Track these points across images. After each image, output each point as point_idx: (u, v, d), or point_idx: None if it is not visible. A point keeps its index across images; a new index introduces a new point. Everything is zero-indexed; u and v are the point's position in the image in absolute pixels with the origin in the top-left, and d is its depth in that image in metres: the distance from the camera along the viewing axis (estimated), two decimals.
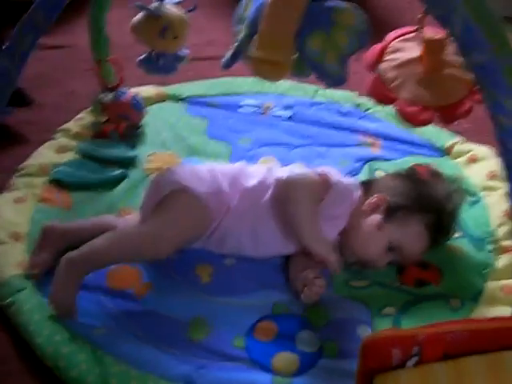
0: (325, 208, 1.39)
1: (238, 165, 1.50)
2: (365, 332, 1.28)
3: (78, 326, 1.25)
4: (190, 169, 1.44)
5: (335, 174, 1.45)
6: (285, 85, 2.01)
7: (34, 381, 1.21)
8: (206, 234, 1.40)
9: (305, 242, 1.33)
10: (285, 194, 1.38)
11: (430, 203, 1.40)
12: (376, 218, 1.40)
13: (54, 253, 1.37)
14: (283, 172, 1.46)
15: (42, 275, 1.34)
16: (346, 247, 1.42)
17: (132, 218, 1.48)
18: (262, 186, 1.42)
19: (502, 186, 1.60)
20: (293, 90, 2.00)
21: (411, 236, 1.39)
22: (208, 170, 1.43)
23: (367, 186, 1.48)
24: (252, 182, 1.43)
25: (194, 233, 1.38)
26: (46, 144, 1.73)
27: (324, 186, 1.40)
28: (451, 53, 1.30)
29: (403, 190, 1.42)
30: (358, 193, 1.44)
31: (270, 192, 1.41)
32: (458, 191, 1.45)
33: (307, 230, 1.34)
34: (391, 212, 1.39)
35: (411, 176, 1.47)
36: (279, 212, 1.39)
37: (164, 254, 1.33)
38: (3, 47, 1.21)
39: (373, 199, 1.42)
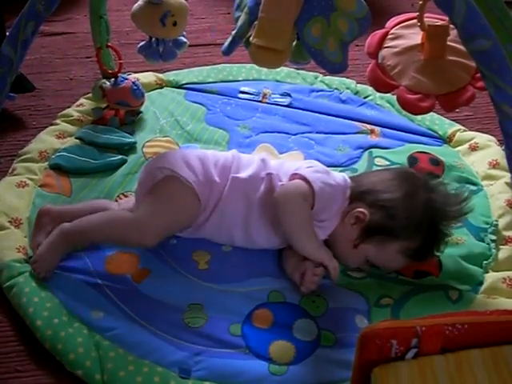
0: (313, 214, 1.36)
1: (231, 153, 1.48)
2: (362, 322, 1.28)
3: (77, 310, 1.27)
4: (182, 155, 1.43)
5: (322, 170, 1.40)
6: (283, 72, 1.99)
7: (33, 363, 1.23)
8: (198, 224, 1.40)
9: (306, 253, 1.32)
10: (277, 209, 1.35)
11: (416, 230, 1.32)
12: (354, 234, 1.35)
13: (49, 233, 1.38)
14: (275, 165, 1.43)
15: None
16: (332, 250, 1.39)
17: (126, 201, 1.49)
18: (254, 179, 1.40)
19: (504, 175, 1.59)
20: (291, 77, 1.99)
21: (387, 259, 1.35)
22: (199, 158, 1.42)
23: (358, 184, 1.40)
24: (244, 173, 1.41)
25: (181, 223, 1.38)
26: (47, 129, 1.73)
27: (313, 194, 1.34)
28: (453, 39, 1.29)
29: (391, 211, 1.33)
30: (347, 192, 1.39)
31: (262, 188, 1.39)
32: (459, 204, 1.36)
33: (306, 243, 1.33)
34: (370, 233, 1.34)
35: (408, 186, 1.35)
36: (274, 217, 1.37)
37: (149, 243, 1.34)
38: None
39: (355, 213, 1.35)
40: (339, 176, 1.42)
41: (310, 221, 1.35)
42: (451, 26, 1.27)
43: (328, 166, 1.58)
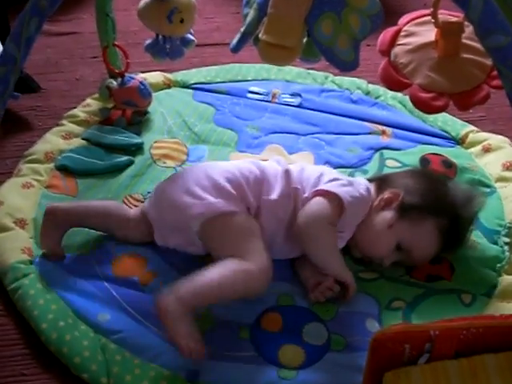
0: (338, 227, 1.34)
1: (255, 166, 1.40)
2: (373, 326, 1.26)
3: (83, 312, 1.26)
4: (213, 184, 1.33)
5: (347, 183, 1.37)
6: (293, 72, 1.98)
7: (39, 366, 1.22)
8: None
9: (331, 273, 1.30)
10: (302, 238, 1.32)
11: (446, 207, 1.34)
12: (388, 214, 1.35)
13: (59, 233, 1.37)
14: (297, 174, 1.39)
15: (60, 253, 1.36)
16: (354, 243, 1.38)
17: (136, 212, 1.41)
18: (283, 198, 1.35)
19: None
20: (301, 76, 1.97)
21: (422, 238, 1.34)
22: (229, 180, 1.34)
23: (379, 182, 1.42)
24: (273, 193, 1.35)
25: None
26: (53, 130, 1.72)
27: (339, 210, 1.33)
28: (467, 36, 1.27)
29: (419, 189, 1.36)
30: (371, 197, 1.38)
31: (290, 206, 1.35)
32: (476, 197, 1.40)
33: (333, 265, 1.30)
34: (404, 210, 1.34)
35: (428, 175, 1.41)
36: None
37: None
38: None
39: (386, 194, 1.37)
40: (362, 185, 1.39)
41: (336, 243, 1.33)
42: (466, 23, 1.26)
43: (338, 167, 1.60)
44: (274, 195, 1.36)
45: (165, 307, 1.16)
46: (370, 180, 1.45)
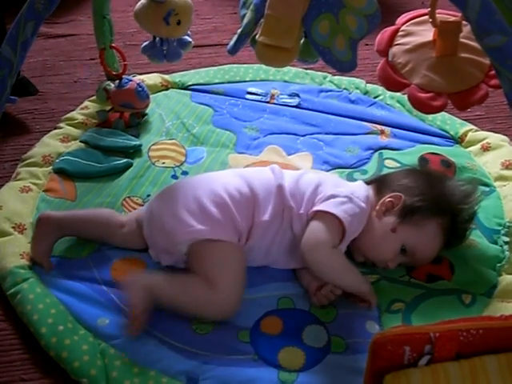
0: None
1: (243, 181, 1.37)
2: (373, 327, 1.26)
3: (82, 317, 1.25)
4: (196, 202, 1.32)
5: (346, 200, 1.33)
6: (291, 72, 1.97)
7: (38, 371, 1.21)
8: None
9: (349, 291, 1.29)
10: (310, 260, 1.29)
11: (447, 205, 1.34)
12: (390, 219, 1.34)
13: (50, 243, 1.36)
14: (291, 188, 1.36)
15: (48, 263, 1.35)
16: (357, 248, 1.37)
17: (130, 218, 1.41)
18: (276, 218, 1.34)
19: None
20: (300, 77, 1.96)
21: (426, 239, 1.34)
22: (216, 204, 1.32)
23: (378, 184, 1.41)
24: (266, 214, 1.33)
25: (244, 271, 1.30)
26: (51, 133, 1.71)
27: (340, 230, 1.31)
28: (465, 36, 1.27)
29: (419, 190, 1.35)
30: (370, 204, 1.36)
31: (283, 223, 1.34)
32: (474, 193, 1.39)
33: (348, 283, 1.29)
34: (406, 213, 1.33)
35: (426, 174, 1.41)
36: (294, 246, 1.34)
37: (234, 312, 1.26)
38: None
39: (387, 198, 1.35)
40: (360, 196, 1.35)
41: (346, 261, 1.31)
42: (464, 22, 1.25)
43: (337, 168, 1.59)
44: (266, 216, 1.33)
45: (131, 280, 1.25)
46: (368, 182, 1.43)
